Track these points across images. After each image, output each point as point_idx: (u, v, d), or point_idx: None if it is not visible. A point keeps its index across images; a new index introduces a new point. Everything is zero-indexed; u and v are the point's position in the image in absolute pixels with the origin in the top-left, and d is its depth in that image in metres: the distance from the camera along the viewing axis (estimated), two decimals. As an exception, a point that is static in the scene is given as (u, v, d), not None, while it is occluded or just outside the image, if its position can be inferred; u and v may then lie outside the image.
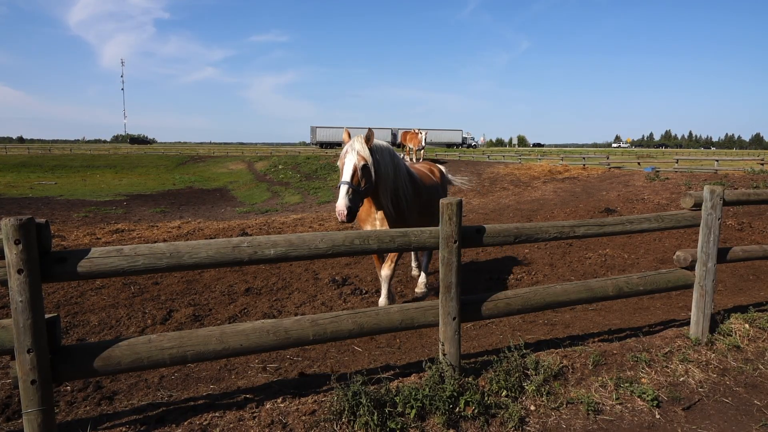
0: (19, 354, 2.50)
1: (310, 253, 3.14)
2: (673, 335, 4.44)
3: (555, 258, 8.85)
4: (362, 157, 4.56)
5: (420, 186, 5.63)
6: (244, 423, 3.00)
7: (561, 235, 3.91)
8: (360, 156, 4.56)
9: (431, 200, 5.70)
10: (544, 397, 3.40)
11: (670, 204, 13.29)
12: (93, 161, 49.78)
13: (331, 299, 6.64)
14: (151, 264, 2.78)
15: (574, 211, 13.13)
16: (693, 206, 4.34)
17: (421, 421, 3.07)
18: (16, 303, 2.46)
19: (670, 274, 4.42)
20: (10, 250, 2.42)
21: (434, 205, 5.26)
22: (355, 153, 4.57)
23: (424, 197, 5.65)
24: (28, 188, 24.68)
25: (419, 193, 5.55)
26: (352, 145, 4.62)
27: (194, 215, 15.07)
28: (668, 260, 8.37)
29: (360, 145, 4.62)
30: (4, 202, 18.05)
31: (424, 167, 6.59)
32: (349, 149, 4.60)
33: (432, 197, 5.77)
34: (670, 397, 3.56)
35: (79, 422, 3.25)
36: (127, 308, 6.12)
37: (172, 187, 27.24)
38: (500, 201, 17.15)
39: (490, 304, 3.65)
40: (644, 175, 20.25)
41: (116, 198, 20.70)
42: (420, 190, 5.58)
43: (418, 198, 5.51)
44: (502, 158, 38.41)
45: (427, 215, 5.59)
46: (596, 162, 31.56)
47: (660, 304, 6.34)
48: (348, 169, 4.49)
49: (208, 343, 2.93)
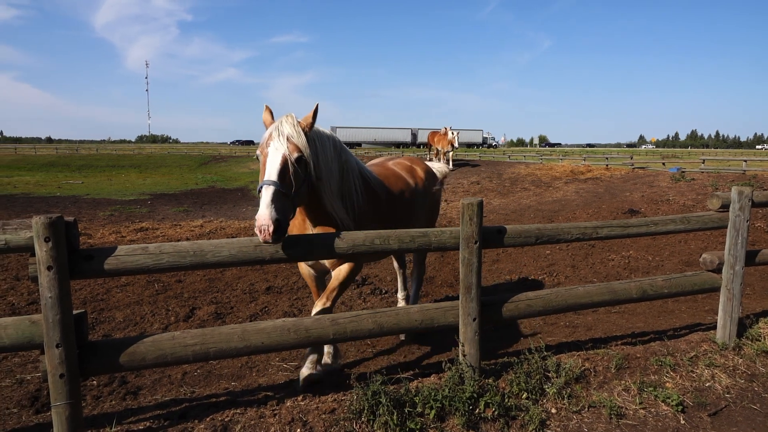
0: (48, 348, 2.56)
1: (331, 253, 3.16)
2: (698, 339, 4.35)
3: (577, 259, 8.75)
4: (295, 145, 3.18)
5: (379, 191, 4.22)
6: (264, 420, 3.03)
7: (583, 237, 3.86)
8: (292, 144, 3.17)
9: (403, 208, 4.54)
10: (565, 400, 3.37)
11: (696, 205, 13.03)
12: (118, 161, 50.74)
13: (351, 299, 6.67)
14: (175, 262, 2.82)
15: (596, 212, 12.96)
16: (720, 207, 4.25)
17: (441, 421, 3.06)
18: (45, 299, 2.52)
19: (696, 276, 4.34)
20: (40, 248, 2.49)
21: (408, 215, 4.59)
22: (283, 140, 3.15)
23: (385, 206, 4.25)
24: (56, 187, 25.26)
25: (377, 200, 4.15)
26: (278, 129, 3.20)
27: (216, 214, 15.26)
28: (694, 263, 8.21)
29: (291, 129, 3.21)
30: (33, 201, 18.51)
31: (399, 166, 5.00)
32: (274, 134, 3.19)
33: (404, 204, 4.56)
34: (696, 403, 3.50)
35: (105, 416, 3.33)
36: (151, 305, 6.23)
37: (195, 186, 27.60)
38: (521, 201, 17.01)
39: (511, 306, 3.63)
40: (669, 176, 19.89)
41: (140, 197, 21.06)
42: (378, 197, 4.17)
43: (375, 206, 4.11)
44: (523, 158, 38.08)
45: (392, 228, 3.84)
46: (620, 162, 31.08)
47: (685, 308, 6.22)
48: (274, 164, 3.09)
49: (230, 340, 2.97)
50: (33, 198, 19.72)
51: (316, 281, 4.28)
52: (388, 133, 75.16)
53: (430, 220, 5.31)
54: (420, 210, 4.87)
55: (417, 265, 5.62)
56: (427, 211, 5.15)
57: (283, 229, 2.95)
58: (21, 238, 2.54)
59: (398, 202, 4.48)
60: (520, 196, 18.39)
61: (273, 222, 2.88)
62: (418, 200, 4.80)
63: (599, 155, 40.98)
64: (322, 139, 3.55)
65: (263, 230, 2.87)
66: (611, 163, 30.18)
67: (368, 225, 3.92)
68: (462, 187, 21.55)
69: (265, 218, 2.88)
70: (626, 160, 32.10)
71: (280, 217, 2.94)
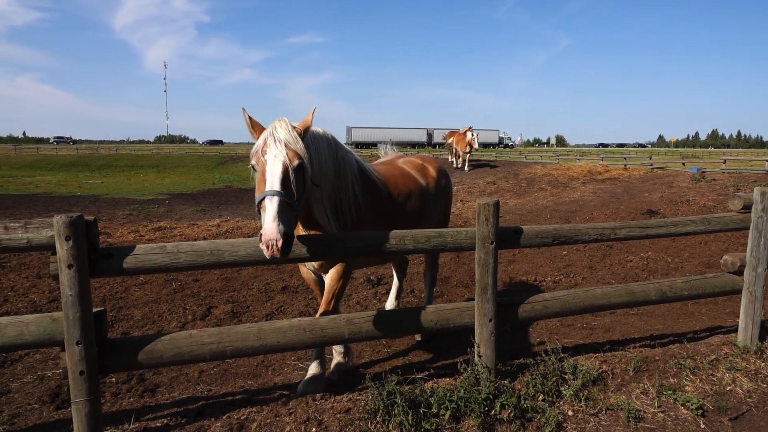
0: (69, 345, 2.60)
1: (346, 252, 3.17)
2: (719, 342, 4.28)
3: (594, 260, 8.66)
4: (294, 152, 2.94)
5: (382, 189, 4.02)
6: (280, 419, 3.04)
7: (601, 237, 3.82)
8: (291, 151, 2.93)
9: (412, 207, 4.34)
10: (582, 402, 3.33)
11: (717, 206, 12.81)
12: (137, 161, 51.42)
13: (366, 298, 6.67)
14: (193, 261, 2.85)
15: (614, 213, 12.81)
16: (742, 208, 4.17)
17: (456, 422, 3.05)
18: (66, 297, 2.57)
19: (717, 278, 4.26)
20: (61, 246, 2.53)
21: (418, 215, 4.39)
22: (281, 146, 2.92)
23: (389, 205, 4.06)
24: (77, 187, 25.68)
25: (379, 198, 3.95)
26: (273, 135, 2.96)
27: (232, 214, 15.37)
28: (714, 264, 8.07)
29: (287, 134, 2.98)
30: (54, 200, 18.84)
31: (409, 164, 4.81)
32: (269, 141, 2.95)
33: (413, 203, 4.35)
34: (716, 407, 3.43)
35: (124, 413, 3.37)
36: (168, 304, 6.30)
37: (212, 186, 27.85)
38: (537, 202, 16.88)
39: (527, 306, 3.60)
40: (689, 176, 19.57)
41: (158, 197, 21.32)
42: (380, 195, 3.97)
43: (377, 204, 3.90)
44: (540, 158, 37.78)
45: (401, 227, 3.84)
46: (638, 162, 30.68)
47: (705, 310, 6.12)
48: (275, 172, 2.86)
49: (246, 339, 2.99)
50: (54, 197, 20.07)
51: (317, 284, 4.15)
52: (404, 133, 75.16)
53: (443, 221, 5.20)
54: (432, 210, 4.73)
55: (430, 267, 5.52)
56: (441, 212, 5.03)
57: (291, 242, 2.75)
58: (43, 236, 2.59)
59: (405, 201, 4.28)
60: (537, 197, 18.25)
61: (282, 236, 2.66)
62: (429, 200, 4.63)
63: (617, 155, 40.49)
64: (317, 140, 3.35)
65: (271, 245, 2.64)
66: (629, 163, 29.82)
67: (369, 224, 3.76)
68: (478, 187, 21.45)
69: (273, 232, 2.65)
70: (645, 160, 31.67)
71: (288, 229, 2.72)
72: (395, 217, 4.11)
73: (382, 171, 4.27)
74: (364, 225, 3.73)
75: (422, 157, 5.23)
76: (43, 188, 24.25)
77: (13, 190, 23.08)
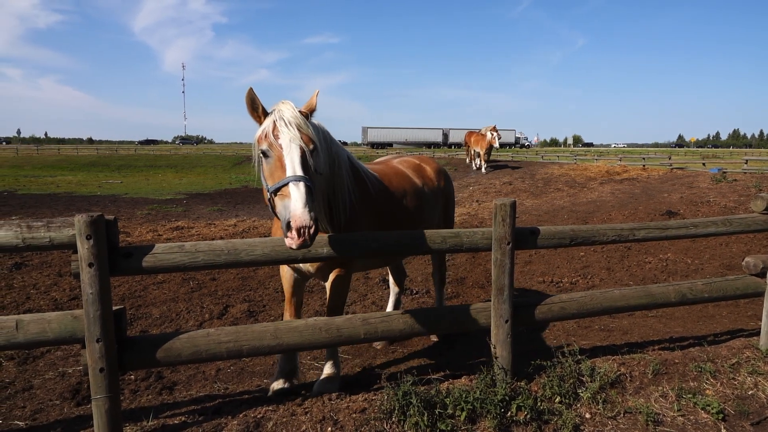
0: (89, 343, 2.65)
1: (362, 253, 3.18)
2: (740, 346, 4.20)
3: (612, 262, 8.56)
4: (308, 136, 2.84)
5: (373, 189, 3.80)
6: (296, 418, 3.06)
7: (619, 239, 3.77)
8: (304, 135, 2.82)
9: (407, 207, 4.13)
10: (600, 405, 3.30)
11: (738, 207, 12.58)
12: (155, 161, 52.04)
13: (382, 299, 6.67)
14: (210, 260, 2.88)
15: (633, 214, 12.65)
16: (764, 209, 4.10)
17: (472, 424, 3.03)
18: (86, 295, 2.61)
19: (738, 281, 4.19)
20: (82, 245, 2.57)
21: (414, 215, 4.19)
22: (294, 130, 2.78)
23: (382, 205, 3.85)
24: (97, 186, 26.08)
25: (369, 198, 3.72)
26: (282, 118, 2.81)
27: (249, 214, 15.49)
28: (735, 266, 7.93)
29: (296, 117, 2.84)
30: (75, 200, 19.16)
31: (404, 164, 4.60)
32: (279, 124, 2.79)
33: (408, 204, 4.14)
34: (738, 411, 3.37)
35: (142, 410, 3.42)
36: (186, 302, 6.37)
37: (229, 186, 28.11)
38: (554, 202, 16.73)
39: (544, 308, 3.57)
40: (710, 177, 19.24)
41: (176, 196, 21.56)
42: (370, 195, 3.74)
43: (369, 204, 3.69)
44: (557, 158, 37.44)
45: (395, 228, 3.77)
46: (657, 162, 30.24)
47: (726, 313, 6.02)
48: (295, 156, 2.72)
49: (262, 338, 3.01)
50: (75, 197, 20.41)
51: (294, 286, 3.85)
52: (419, 133, 75.05)
53: (446, 223, 4.96)
54: (431, 211, 4.53)
55: (437, 269, 5.31)
56: (441, 213, 4.82)
57: (317, 230, 2.60)
58: (64, 235, 2.63)
59: (400, 202, 4.07)
60: (554, 197, 18.09)
61: (313, 222, 2.52)
62: (426, 200, 4.43)
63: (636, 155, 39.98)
64: (317, 130, 3.13)
65: (304, 232, 2.49)
66: (648, 163, 29.41)
67: (361, 225, 3.55)
68: (494, 187, 21.33)
69: (306, 218, 2.49)
70: (664, 160, 31.22)
71: (316, 215, 2.58)
72: (389, 218, 3.91)
73: (375, 170, 4.10)
74: (357, 226, 3.51)
75: (420, 157, 5.07)
76: (64, 188, 24.68)
77: (35, 189, 23.52)
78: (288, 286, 3.87)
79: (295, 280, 3.84)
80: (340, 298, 3.69)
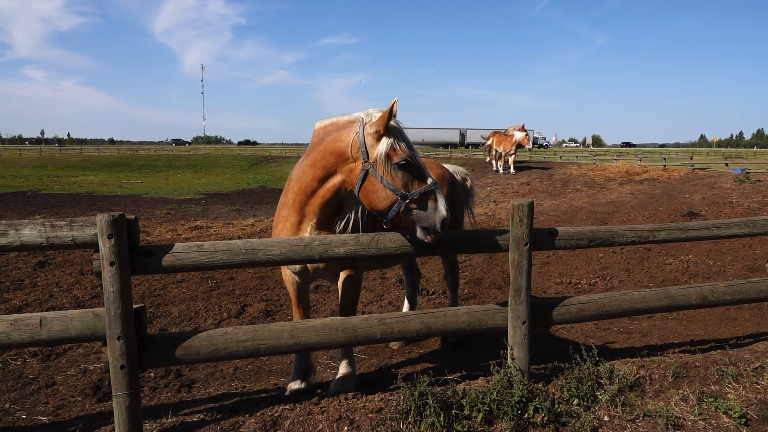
0: (110, 341, 2.69)
1: (379, 252, 3.18)
2: (764, 349, 4.12)
3: (632, 263, 8.46)
4: None
5: None
6: (313, 417, 3.07)
7: (639, 240, 3.72)
8: None
9: None
10: (618, 408, 3.25)
11: (762, 208, 12.33)
12: (175, 161, 52.68)
13: (398, 299, 6.67)
14: (229, 260, 2.90)
15: (653, 215, 12.47)
16: (789, 211, 4.01)
17: (488, 425, 3.02)
18: (108, 293, 2.65)
19: (762, 283, 4.11)
20: (104, 244, 2.61)
21: None
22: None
23: None
24: (117, 186, 26.50)
25: None
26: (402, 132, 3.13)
27: (266, 214, 15.60)
28: (759, 268, 7.78)
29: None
30: (96, 199, 19.51)
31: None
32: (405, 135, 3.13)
33: None
34: (761, 416, 3.31)
35: (162, 407, 3.46)
36: (204, 301, 6.44)
37: (246, 186, 28.35)
38: (572, 203, 16.56)
39: (562, 309, 3.54)
40: (732, 177, 18.88)
41: (195, 196, 21.81)
42: None
43: None
44: (575, 158, 37.06)
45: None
46: (678, 163, 29.76)
47: (749, 315, 5.90)
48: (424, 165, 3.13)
49: (280, 337, 3.03)
50: (96, 197, 20.77)
51: (298, 290, 3.85)
52: (436, 133, 74.84)
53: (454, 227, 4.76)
54: None
55: (449, 272, 5.34)
56: None
57: None
58: (86, 234, 2.68)
59: None
60: (572, 198, 17.91)
61: None
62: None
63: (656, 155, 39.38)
64: None
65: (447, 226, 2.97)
66: (669, 163, 28.96)
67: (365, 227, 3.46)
68: (511, 188, 21.20)
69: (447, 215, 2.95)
70: (686, 160, 30.71)
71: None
72: None
73: None
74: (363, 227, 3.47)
75: (426, 161, 5.01)
76: (86, 188, 25.12)
77: (58, 189, 23.99)
78: (293, 290, 3.89)
79: (298, 285, 3.85)
80: (353, 298, 3.74)
